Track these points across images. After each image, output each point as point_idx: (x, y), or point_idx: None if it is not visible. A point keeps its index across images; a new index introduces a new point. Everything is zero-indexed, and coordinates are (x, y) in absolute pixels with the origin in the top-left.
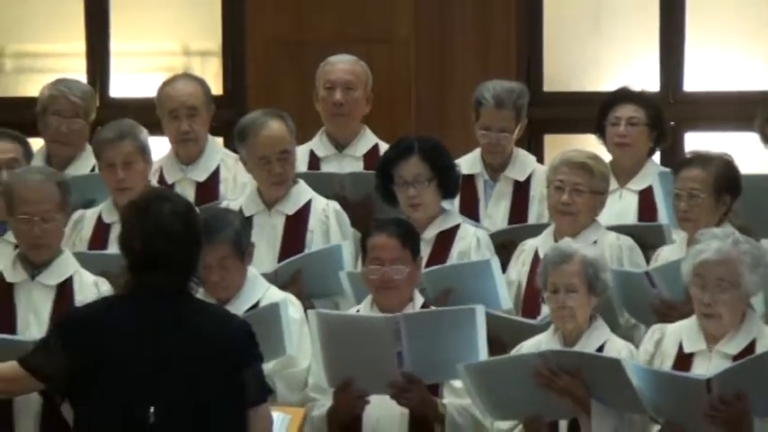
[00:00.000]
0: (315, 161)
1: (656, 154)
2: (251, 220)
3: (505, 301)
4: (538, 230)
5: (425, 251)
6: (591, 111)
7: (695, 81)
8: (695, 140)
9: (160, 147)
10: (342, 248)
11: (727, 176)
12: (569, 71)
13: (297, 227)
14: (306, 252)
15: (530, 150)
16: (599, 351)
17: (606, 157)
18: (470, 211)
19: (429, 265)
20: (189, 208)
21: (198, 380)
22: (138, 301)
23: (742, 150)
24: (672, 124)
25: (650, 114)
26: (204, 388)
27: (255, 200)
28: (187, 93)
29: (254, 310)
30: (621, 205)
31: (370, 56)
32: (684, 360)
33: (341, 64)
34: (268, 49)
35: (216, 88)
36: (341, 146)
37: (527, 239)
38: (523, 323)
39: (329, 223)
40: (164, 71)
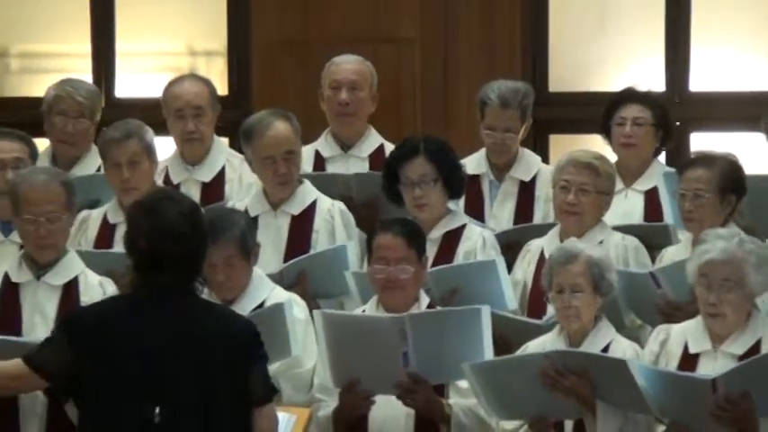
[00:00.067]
0: (320, 161)
1: (662, 154)
2: (256, 220)
3: (511, 302)
4: (543, 230)
5: (431, 251)
6: (596, 111)
7: (701, 81)
8: (701, 141)
9: (165, 147)
10: (347, 249)
11: (732, 177)
12: (575, 71)
13: (302, 227)
14: (311, 252)
15: (535, 150)
16: (604, 351)
17: (612, 158)
18: (476, 211)
19: (435, 266)
20: (194, 208)
21: (203, 380)
22: (144, 300)
23: (748, 150)
24: (677, 124)
25: (656, 114)
26: (210, 388)
27: (261, 200)
28: (193, 93)
29: (259, 310)
30: (627, 205)
31: (376, 56)
32: (690, 360)
33: (346, 64)
34: (273, 49)
35: (221, 88)
36: (346, 146)
37: (533, 240)
38: (529, 323)
39: (334, 223)
40: (169, 71)
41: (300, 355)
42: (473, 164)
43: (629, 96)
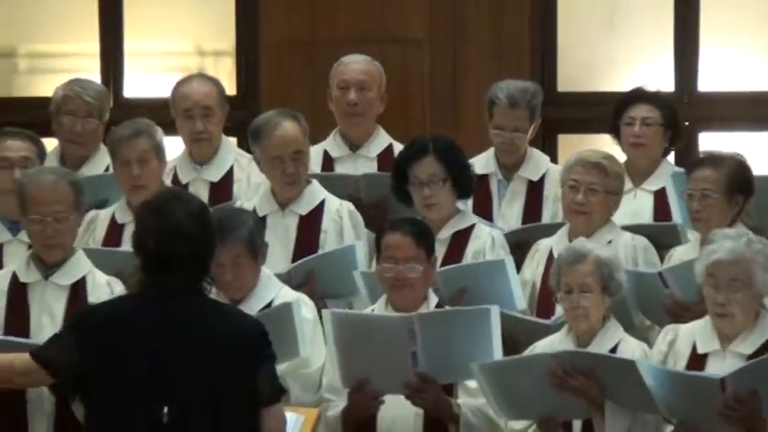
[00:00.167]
0: (328, 161)
1: (671, 154)
2: (264, 220)
3: (520, 301)
4: (552, 230)
5: (440, 251)
6: (605, 111)
7: (710, 81)
8: (710, 141)
9: (174, 147)
10: (355, 249)
11: (740, 177)
12: (583, 71)
13: (310, 227)
14: (319, 252)
15: (543, 150)
16: (612, 351)
17: (621, 158)
18: (484, 210)
19: (444, 265)
20: (203, 208)
21: (212, 379)
22: (152, 300)
23: (756, 150)
24: (686, 124)
25: (665, 114)
26: (218, 388)
27: (269, 200)
28: (202, 92)
29: (267, 309)
30: (636, 205)
31: (384, 56)
32: (698, 360)
33: (355, 64)
34: (281, 49)
35: (229, 88)
36: (354, 146)
37: (542, 239)
38: (537, 323)
39: (343, 223)
40: (177, 71)
41: (308, 355)
42: (481, 163)
43: (638, 96)
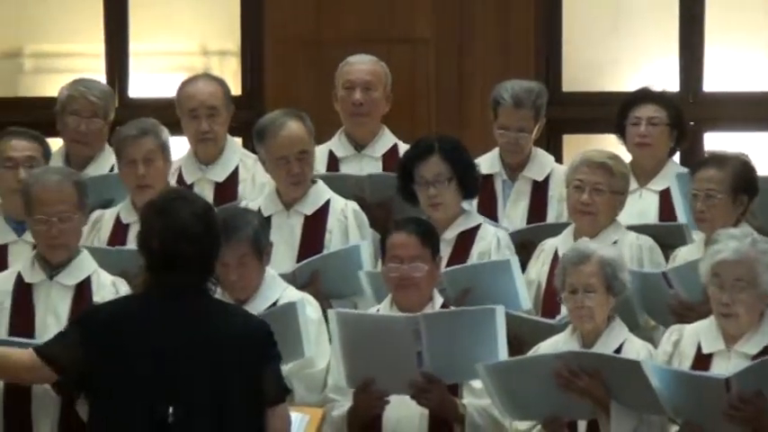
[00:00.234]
0: (334, 161)
1: (677, 154)
2: (269, 220)
3: (525, 302)
4: (558, 230)
5: (446, 251)
6: (610, 111)
7: (715, 81)
8: (715, 141)
9: (179, 147)
10: (360, 249)
11: (744, 177)
12: (588, 71)
13: (315, 227)
14: (324, 252)
15: (548, 150)
16: (617, 351)
17: (626, 158)
18: (489, 210)
19: (449, 266)
20: (208, 208)
21: (217, 379)
22: (157, 300)
23: (762, 150)
24: (691, 124)
25: (671, 114)
26: (223, 388)
27: (274, 200)
28: (207, 92)
29: (272, 309)
30: (642, 205)
31: (390, 56)
32: (703, 360)
33: (360, 64)
34: (287, 48)
35: (234, 88)
36: (360, 146)
37: (547, 239)
38: (542, 323)
39: (348, 223)
40: (182, 71)
41: (313, 356)
42: (486, 163)
43: (644, 96)
